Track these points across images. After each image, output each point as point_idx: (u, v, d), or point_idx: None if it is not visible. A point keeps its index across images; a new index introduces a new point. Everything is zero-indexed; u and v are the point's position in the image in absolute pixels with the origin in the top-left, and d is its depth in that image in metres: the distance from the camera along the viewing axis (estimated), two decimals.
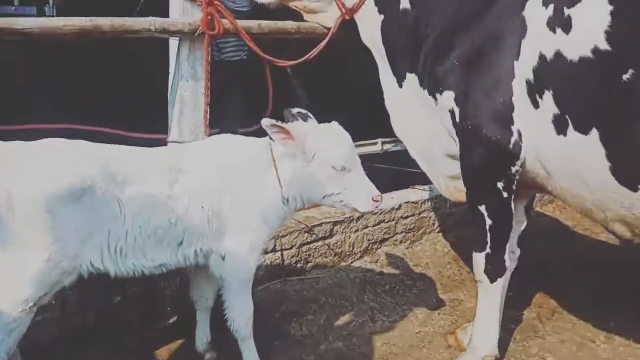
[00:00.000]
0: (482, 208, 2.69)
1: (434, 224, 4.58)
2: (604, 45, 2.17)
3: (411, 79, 2.90)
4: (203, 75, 2.81)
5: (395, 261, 4.13)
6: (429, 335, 3.31)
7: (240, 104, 4.69)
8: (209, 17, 2.75)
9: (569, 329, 3.47)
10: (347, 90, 6.39)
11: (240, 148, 2.51)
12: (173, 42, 2.85)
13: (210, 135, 2.89)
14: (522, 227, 3.07)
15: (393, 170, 4.63)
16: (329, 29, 3.27)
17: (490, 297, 2.86)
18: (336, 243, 3.90)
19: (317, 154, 2.41)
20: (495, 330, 2.90)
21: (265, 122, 2.34)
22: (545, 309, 3.68)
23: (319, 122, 2.56)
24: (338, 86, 6.50)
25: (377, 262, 4.12)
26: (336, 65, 5.66)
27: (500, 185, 2.60)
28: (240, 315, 2.56)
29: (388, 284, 3.87)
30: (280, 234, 3.56)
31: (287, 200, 2.50)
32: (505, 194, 2.62)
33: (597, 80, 2.19)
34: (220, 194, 2.38)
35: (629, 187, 2.21)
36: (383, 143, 4.22)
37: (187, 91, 2.86)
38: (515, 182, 2.61)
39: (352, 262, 4.04)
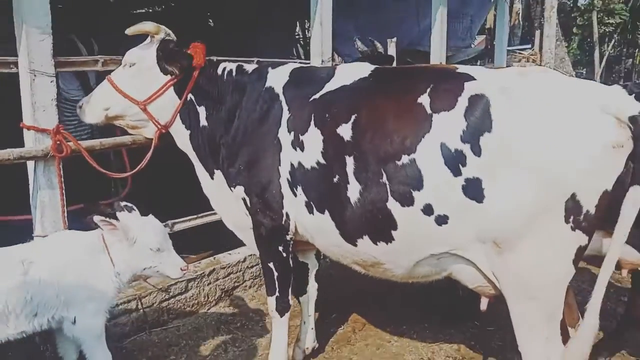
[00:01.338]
0: (271, 264, 3.67)
1: None
2: (322, 160, 3.23)
3: (218, 173, 3.80)
4: (58, 185, 3.68)
5: (246, 303, 5.07)
6: None
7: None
8: (58, 143, 3.61)
9: (372, 335, 4.56)
10: None
11: (77, 239, 3.31)
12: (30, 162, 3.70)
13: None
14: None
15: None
16: (151, 139, 3.90)
17: (281, 328, 3.84)
18: (192, 296, 4.80)
19: (138, 240, 3.26)
20: (285, 350, 3.86)
21: (96, 218, 3.22)
22: (358, 323, 4.76)
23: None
24: None
25: (230, 305, 5.04)
26: None
27: (280, 248, 3.59)
28: None
29: (239, 321, 4.78)
30: (141, 296, 4.43)
31: (119, 274, 3.31)
32: (284, 255, 3.61)
33: (321, 181, 3.24)
34: (65, 275, 3.14)
35: (351, 243, 3.28)
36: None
37: (46, 197, 3.66)
38: (291, 246, 3.61)
39: (209, 309, 4.93)
